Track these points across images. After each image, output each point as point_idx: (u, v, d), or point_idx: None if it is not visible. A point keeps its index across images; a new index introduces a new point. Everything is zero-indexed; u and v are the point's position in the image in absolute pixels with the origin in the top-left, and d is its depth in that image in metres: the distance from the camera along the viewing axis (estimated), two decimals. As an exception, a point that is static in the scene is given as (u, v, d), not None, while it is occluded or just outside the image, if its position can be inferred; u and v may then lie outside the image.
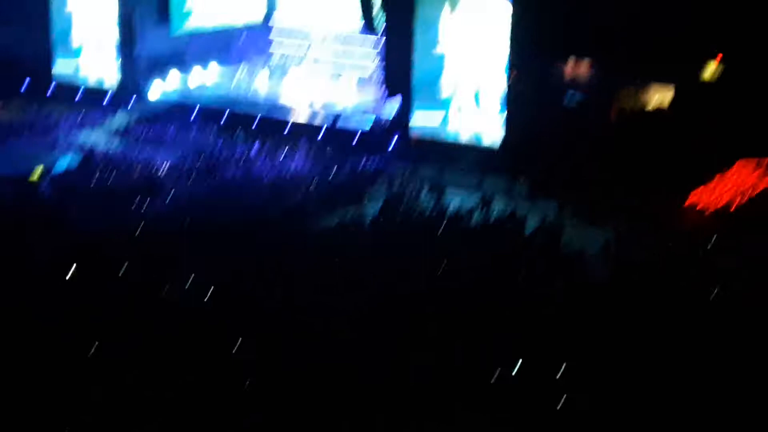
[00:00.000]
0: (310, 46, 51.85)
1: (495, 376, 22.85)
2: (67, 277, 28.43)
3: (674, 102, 40.44)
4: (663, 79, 40.21)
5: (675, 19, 37.32)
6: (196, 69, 50.89)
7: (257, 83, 50.25)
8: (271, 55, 52.74)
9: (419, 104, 41.39)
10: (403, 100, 42.58)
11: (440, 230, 33.39)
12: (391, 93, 43.47)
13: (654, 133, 38.72)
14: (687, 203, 35.11)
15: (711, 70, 38.90)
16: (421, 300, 26.63)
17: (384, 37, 43.24)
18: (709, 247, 30.95)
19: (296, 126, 44.14)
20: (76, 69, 50.59)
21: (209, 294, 26.99)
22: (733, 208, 34.85)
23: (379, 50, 44.50)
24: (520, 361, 23.20)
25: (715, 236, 31.46)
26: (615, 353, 23.51)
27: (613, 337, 24.27)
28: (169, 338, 24.54)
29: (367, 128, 43.46)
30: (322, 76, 49.79)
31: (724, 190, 35.91)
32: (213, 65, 51.68)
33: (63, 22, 50.46)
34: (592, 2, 37.72)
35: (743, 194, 35.71)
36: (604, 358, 23.36)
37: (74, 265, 28.88)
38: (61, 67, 51.11)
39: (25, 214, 34.45)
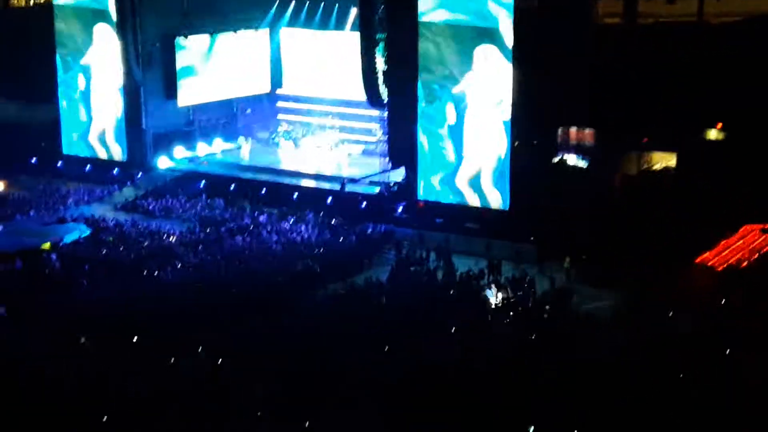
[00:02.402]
0: (316, 115, 52.60)
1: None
2: (81, 342, 28.56)
3: (678, 168, 40.93)
4: (666, 146, 40.76)
5: (676, 89, 37.98)
6: (204, 140, 51.55)
7: (264, 152, 50.83)
8: (278, 124, 53.44)
9: (424, 172, 41.81)
10: (407, 168, 43.06)
11: (449, 295, 33.52)
12: (396, 162, 43.99)
13: (659, 198, 39.06)
14: (694, 265, 35.24)
15: (712, 137, 39.46)
16: (431, 364, 26.64)
17: (388, 109, 43.86)
18: (717, 308, 31.00)
19: (303, 193, 44.55)
20: (85, 143, 51.23)
21: (219, 361, 27.11)
22: (740, 269, 35.00)
23: (383, 121, 45.09)
24: (533, 426, 23.22)
25: (722, 298, 31.54)
26: (626, 418, 23.51)
27: (626, 401, 24.27)
28: (179, 406, 24.62)
29: (374, 195, 43.85)
30: (329, 144, 50.39)
31: (730, 253, 36.12)
32: (220, 136, 52.41)
33: (71, 97, 51.27)
34: (595, 74, 38.37)
35: (749, 257, 35.91)
36: (615, 424, 23.36)
37: (84, 333, 29.07)
38: (69, 142, 51.85)
39: (36, 282, 34.76)
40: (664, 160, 42.70)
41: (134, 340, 28.64)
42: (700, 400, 24.13)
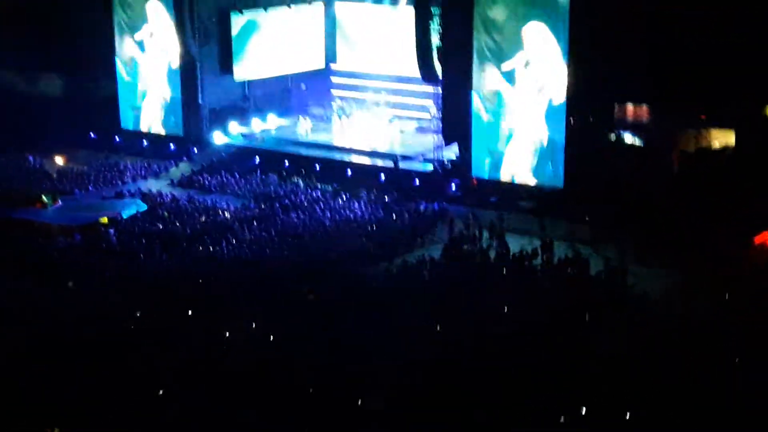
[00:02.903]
0: (369, 91, 52.56)
1: (562, 420, 22.83)
2: (137, 315, 29.14)
3: (736, 146, 40.19)
4: (724, 123, 40.02)
5: (734, 65, 37.20)
6: (258, 116, 51.87)
7: (318, 128, 51.06)
8: (331, 100, 53.53)
9: (478, 150, 41.67)
10: (461, 146, 42.91)
11: (502, 274, 33.45)
12: (450, 139, 43.85)
13: (717, 176, 38.43)
14: (753, 245, 34.70)
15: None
16: (485, 344, 26.68)
17: (442, 85, 43.67)
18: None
19: (357, 170, 44.67)
20: (142, 118, 51.84)
21: (271, 336, 27.44)
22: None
23: (437, 97, 44.93)
24: (587, 405, 23.15)
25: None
26: (681, 399, 23.33)
27: (680, 382, 24.07)
28: (232, 376, 25.00)
29: (427, 173, 43.82)
30: (383, 120, 50.37)
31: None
32: (274, 112, 52.67)
33: (128, 72, 51.85)
34: (652, 50, 37.73)
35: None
36: (671, 404, 23.18)
37: (141, 307, 29.64)
38: (126, 117, 52.45)
39: (96, 256, 35.48)
40: (722, 138, 41.93)
41: (189, 313, 29.07)
42: (754, 386, 23.81)
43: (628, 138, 41.21)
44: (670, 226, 35.38)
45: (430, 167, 44.20)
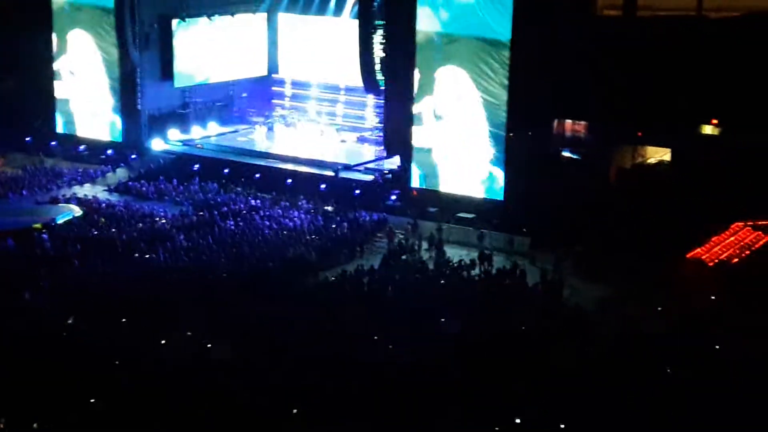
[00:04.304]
0: (311, 100, 52.49)
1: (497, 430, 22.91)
2: (68, 323, 28.59)
3: (672, 163, 40.95)
4: (661, 141, 40.75)
5: (672, 83, 37.93)
6: (198, 123, 51.47)
7: (259, 136, 50.82)
8: (273, 108, 53.35)
9: (418, 161, 41.82)
10: (402, 157, 43.01)
11: (440, 284, 33.52)
12: (391, 150, 43.93)
13: (652, 192, 39.06)
14: (685, 260, 35.32)
15: (706, 133, 39.41)
16: (420, 355, 26.65)
17: (384, 97, 43.77)
18: (707, 302, 31.08)
19: (297, 179, 44.44)
20: (79, 123, 51.05)
21: (207, 344, 27.12)
22: (731, 265, 35.08)
23: (379, 109, 45.10)
24: (521, 414, 23.27)
25: (712, 292, 31.62)
26: (614, 409, 23.58)
27: (614, 393, 24.33)
28: (165, 387, 24.63)
29: (368, 182, 43.81)
30: (324, 130, 50.31)
31: (721, 249, 36.19)
32: (215, 119, 52.32)
33: (66, 76, 51.05)
34: (592, 67, 38.31)
35: (740, 253, 35.98)
36: (604, 415, 23.42)
37: (73, 312, 29.09)
38: (63, 121, 51.62)
39: (28, 261, 34.70)
40: (658, 155, 42.72)
41: (123, 321, 28.63)
42: (686, 394, 24.17)
43: (567, 152, 41.73)
44: (606, 239, 35.83)
45: (370, 177, 44.23)
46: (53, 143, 51.01)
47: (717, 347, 27.07)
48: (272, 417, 23.13)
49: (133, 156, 48.77)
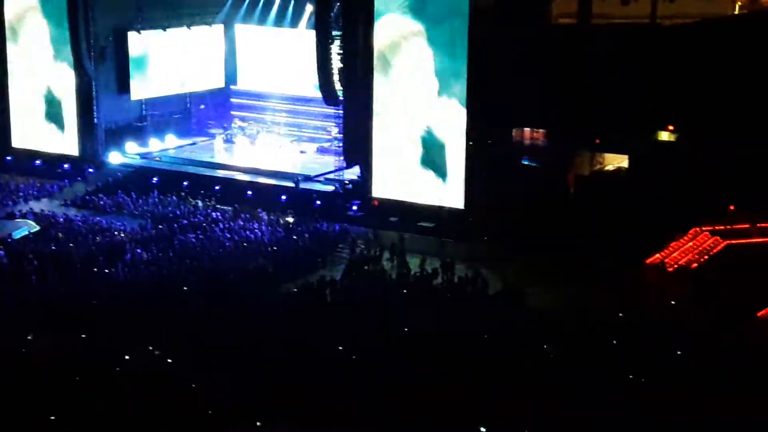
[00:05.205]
0: (270, 111, 52.37)
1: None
2: (28, 338, 28.18)
3: (629, 169, 41.33)
4: (618, 148, 41.12)
5: (628, 90, 38.31)
6: (156, 136, 51.11)
7: (217, 148, 50.52)
8: (231, 120, 53.14)
9: (378, 170, 41.87)
10: (362, 167, 43.03)
11: (402, 293, 33.53)
12: (351, 160, 43.94)
13: (610, 199, 39.39)
14: (644, 266, 35.65)
15: (663, 139, 39.84)
16: (383, 364, 26.61)
17: (342, 107, 43.80)
18: (666, 308, 31.40)
19: (257, 191, 44.27)
20: (34, 137, 50.40)
21: (170, 358, 26.86)
22: (690, 270, 35.49)
23: (338, 119, 45.09)
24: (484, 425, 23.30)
25: (672, 298, 31.95)
26: (579, 413, 23.68)
27: (579, 394, 24.46)
28: (128, 402, 24.34)
29: (328, 193, 43.75)
30: (283, 141, 50.21)
31: (680, 254, 36.61)
32: (173, 131, 51.99)
33: (20, 89, 50.46)
34: (548, 75, 38.63)
35: (698, 258, 36.42)
36: (567, 418, 23.52)
37: (31, 329, 28.68)
38: (18, 135, 50.98)
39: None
40: (616, 161, 43.10)
41: (83, 336, 28.27)
42: (648, 400, 24.35)
43: (526, 160, 41.98)
44: (566, 246, 36.07)
45: (331, 188, 44.17)
46: (8, 158, 50.34)
47: (678, 352, 27.29)
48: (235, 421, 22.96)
49: (91, 170, 48.30)
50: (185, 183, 45.39)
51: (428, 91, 40.40)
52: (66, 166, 48.90)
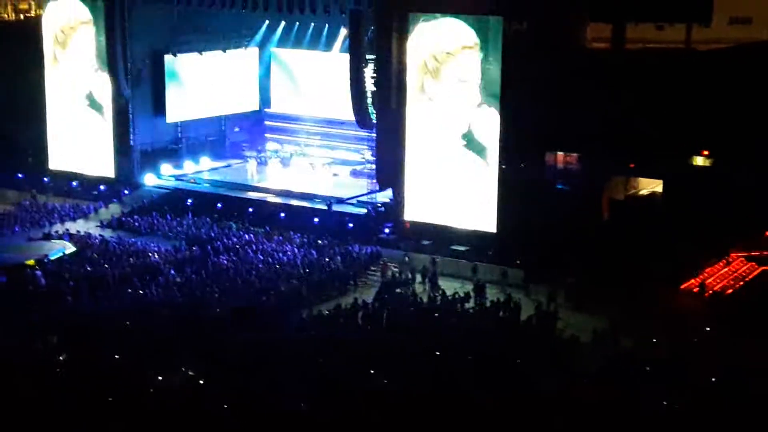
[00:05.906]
0: (304, 134, 52.63)
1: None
2: (60, 358, 28.38)
3: (663, 194, 41.04)
4: (652, 172, 40.88)
5: (663, 115, 38.12)
6: (191, 158, 51.55)
7: (252, 171, 50.86)
8: (265, 142, 53.46)
9: (411, 194, 41.88)
10: (394, 190, 43.07)
11: (434, 317, 33.43)
12: (383, 183, 43.99)
13: (645, 224, 39.12)
14: (679, 291, 35.31)
15: (698, 164, 39.57)
16: (416, 387, 26.52)
17: (376, 130, 43.92)
18: (703, 333, 31.05)
19: (290, 213, 44.42)
20: (72, 159, 50.99)
21: (202, 380, 26.92)
22: (725, 296, 35.10)
23: (371, 142, 45.24)
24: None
25: (707, 324, 31.59)
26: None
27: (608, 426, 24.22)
28: (158, 422, 24.41)
29: (361, 216, 43.82)
30: (316, 164, 50.41)
31: (715, 280, 36.24)
32: (208, 154, 52.39)
33: (59, 112, 51.13)
34: (583, 99, 38.55)
35: (734, 284, 36.04)
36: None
37: (66, 348, 28.89)
38: (56, 157, 51.64)
39: (21, 297, 34.54)
40: (650, 186, 42.83)
41: (116, 357, 28.44)
42: (681, 427, 24.07)
43: (560, 184, 41.81)
44: (599, 271, 35.83)
45: (363, 210, 44.25)
46: (46, 179, 51.01)
47: (713, 379, 26.96)
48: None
49: (126, 191, 48.77)
50: (219, 205, 45.69)
51: (462, 115, 40.45)
52: (102, 187, 49.40)
